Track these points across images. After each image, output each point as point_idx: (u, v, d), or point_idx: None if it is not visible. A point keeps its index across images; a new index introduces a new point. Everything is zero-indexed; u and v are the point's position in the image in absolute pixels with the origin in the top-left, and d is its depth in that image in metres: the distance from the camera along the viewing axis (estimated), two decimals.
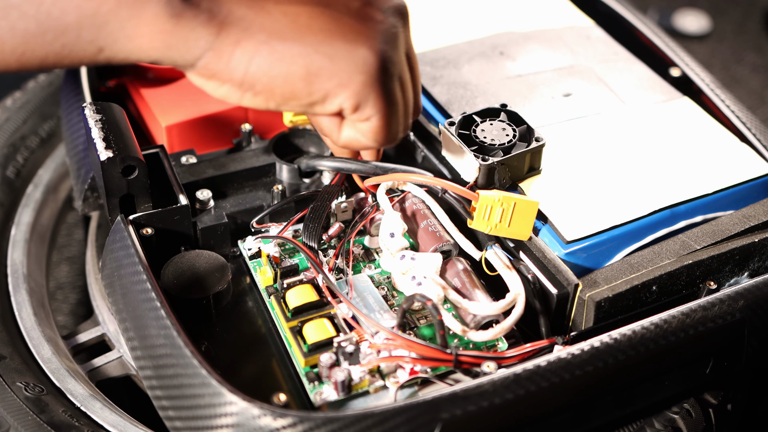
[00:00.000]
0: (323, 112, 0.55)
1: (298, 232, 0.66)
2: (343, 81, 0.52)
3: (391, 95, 0.55)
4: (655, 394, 0.58)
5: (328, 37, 0.52)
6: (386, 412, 0.50)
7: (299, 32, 0.51)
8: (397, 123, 0.57)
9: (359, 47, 0.52)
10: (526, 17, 0.84)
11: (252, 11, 0.51)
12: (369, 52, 0.52)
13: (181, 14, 0.50)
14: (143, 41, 0.50)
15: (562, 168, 0.66)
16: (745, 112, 0.74)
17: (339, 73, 0.52)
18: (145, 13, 0.49)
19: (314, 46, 0.52)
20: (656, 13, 1.87)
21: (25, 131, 0.88)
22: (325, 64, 0.52)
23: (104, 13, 0.49)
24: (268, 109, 0.54)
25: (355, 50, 0.52)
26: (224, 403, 0.51)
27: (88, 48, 0.50)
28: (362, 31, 0.53)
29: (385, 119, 0.55)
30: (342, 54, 0.52)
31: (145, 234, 0.62)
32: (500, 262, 0.61)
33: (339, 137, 0.57)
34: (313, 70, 0.52)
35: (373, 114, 0.54)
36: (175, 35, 0.50)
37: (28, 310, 0.75)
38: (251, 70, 0.51)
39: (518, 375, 0.52)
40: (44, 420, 0.64)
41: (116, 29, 0.49)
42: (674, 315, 0.56)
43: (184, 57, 0.51)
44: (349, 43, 0.52)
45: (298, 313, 0.59)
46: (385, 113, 0.55)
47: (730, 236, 0.63)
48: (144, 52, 0.51)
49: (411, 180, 0.63)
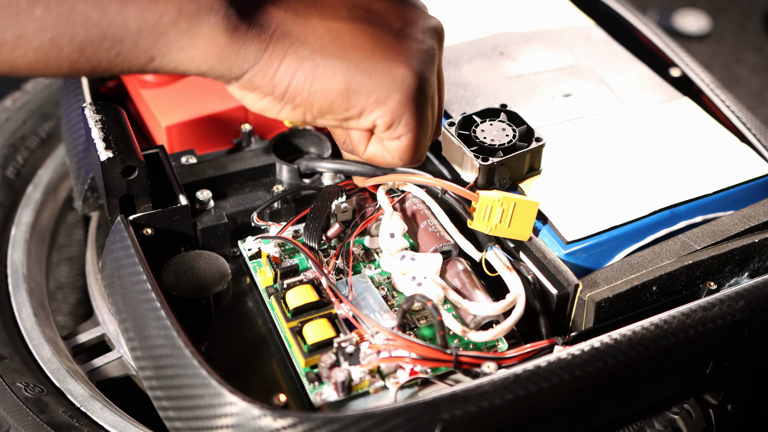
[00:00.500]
0: (357, 127, 0.55)
1: (299, 232, 0.66)
2: (380, 98, 0.53)
3: (424, 115, 0.55)
4: (655, 394, 0.58)
5: (369, 55, 0.52)
6: (386, 412, 0.50)
7: (342, 49, 0.52)
8: (426, 144, 0.57)
9: (399, 66, 0.53)
10: (526, 17, 0.84)
11: (298, 27, 0.52)
12: (408, 71, 0.53)
13: (236, 28, 0.50)
14: (196, 53, 0.50)
15: (562, 168, 0.66)
16: (745, 112, 0.74)
17: (377, 90, 0.53)
18: (203, 26, 0.50)
19: (355, 63, 0.52)
20: (656, 13, 1.87)
21: (25, 131, 0.88)
22: (365, 81, 0.52)
23: (164, 24, 0.49)
24: (305, 122, 0.55)
25: (394, 69, 0.53)
26: (224, 403, 0.51)
27: (141, 57, 0.50)
28: (402, 51, 0.53)
29: (415, 139, 0.56)
30: (381, 72, 0.52)
31: (145, 234, 0.62)
32: (500, 263, 0.61)
33: (364, 151, 0.58)
34: (352, 87, 0.52)
35: (405, 133, 0.55)
36: (228, 48, 0.50)
37: (28, 310, 0.75)
38: (293, 84, 0.52)
39: (518, 375, 0.52)
40: (44, 420, 0.64)
41: (173, 40, 0.50)
42: (674, 315, 0.56)
43: (232, 71, 0.51)
44: (389, 61, 0.53)
45: (298, 314, 0.59)
46: (416, 133, 0.55)
47: (730, 236, 0.63)
48: (194, 64, 0.51)
49: (411, 180, 0.63)
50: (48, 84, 0.93)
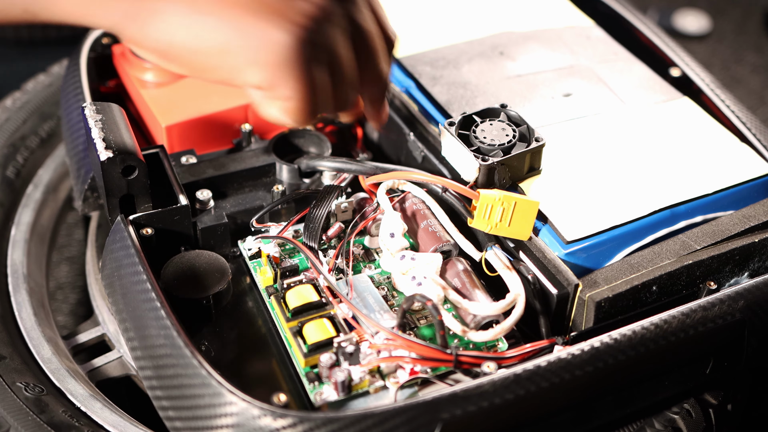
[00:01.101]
0: (241, 86, 0.55)
1: (298, 232, 0.66)
2: (251, 58, 0.53)
3: (309, 78, 0.54)
4: (655, 394, 0.58)
5: (246, 14, 0.52)
6: (386, 412, 0.50)
7: (218, 7, 0.52)
8: (317, 105, 0.56)
9: (275, 28, 0.53)
10: (526, 17, 0.84)
11: None
12: (285, 33, 0.53)
13: None
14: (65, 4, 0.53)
15: (562, 168, 0.66)
16: (745, 112, 0.74)
17: (248, 50, 0.53)
18: None
19: (230, 22, 0.52)
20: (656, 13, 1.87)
21: (25, 131, 0.88)
22: (238, 40, 0.53)
23: None
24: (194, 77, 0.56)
25: (270, 30, 0.52)
26: (224, 403, 0.51)
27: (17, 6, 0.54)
28: (284, 13, 0.53)
29: (302, 102, 0.55)
30: (255, 32, 0.52)
31: (145, 234, 0.62)
32: (500, 263, 0.61)
33: (261, 111, 0.58)
34: (226, 46, 0.53)
35: (290, 96, 0.55)
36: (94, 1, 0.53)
37: (28, 310, 0.75)
38: (167, 39, 0.53)
39: (518, 375, 0.52)
40: (44, 420, 0.64)
41: None
42: (674, 315, 0.56)
43: (101, 22, 0.53)
44: (265, 22, 0.52)
45: (298, 314, 0.59)
46: (302, 96, 0.55)
47: (730, 236, 0.63)
48: (66, 15, 0.54)
49: (412, 179, 0.63)
50: (48, 84, 0.93)
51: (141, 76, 0.77)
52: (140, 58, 0.77)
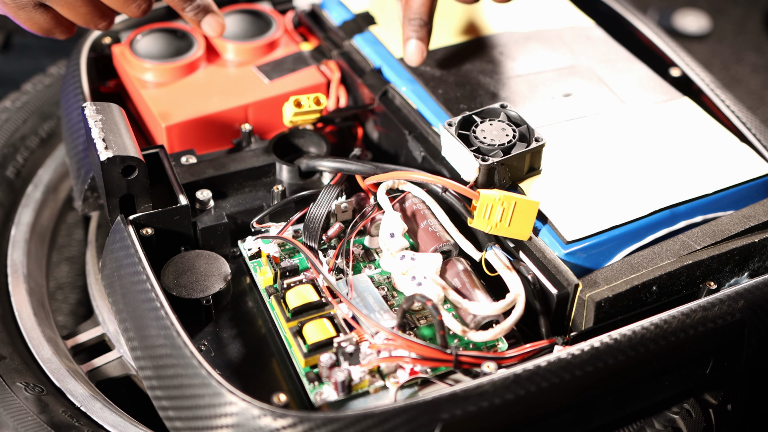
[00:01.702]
0: None
1: (298, 232, 0.66)
2: None
3: None
4: (655, 394, 0.58)
5: None
6: (386, 412, 0.50)
7: None
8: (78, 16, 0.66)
9: None
10: (526, 17, 0.84)
11: None
12: None
13: None
14: None
15: (562, 168, 0.66)
16: (745, 112, 0.74)
17: None
18: None
19: None
20: (656, 13, 1.87)
21: (25, 131, 0.88)
22: None
23: None
24: None
25: None
26: (224, 403, 0.51)
27: None
28: None
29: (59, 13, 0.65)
30: None
31: (145, 234, 0.62)
32: (500, 263, 0.61)
33: None
34: None
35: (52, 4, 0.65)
36: None
37: (28, 310, 0.75)
38: None
39: (518, 375, 0.52)
40: (44, 420, 0.64)
41: None
42: (674, 315, 0.56)
43: None
44: None
45: (298, 314, 0.59)
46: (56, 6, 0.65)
47: (730, 236, 0.63)
48: None
49: (412, 178, 0.63)
50: (48, 84, 0.93)
51: (141, 76, 0.77)
52: (140, 58, 0.77)
